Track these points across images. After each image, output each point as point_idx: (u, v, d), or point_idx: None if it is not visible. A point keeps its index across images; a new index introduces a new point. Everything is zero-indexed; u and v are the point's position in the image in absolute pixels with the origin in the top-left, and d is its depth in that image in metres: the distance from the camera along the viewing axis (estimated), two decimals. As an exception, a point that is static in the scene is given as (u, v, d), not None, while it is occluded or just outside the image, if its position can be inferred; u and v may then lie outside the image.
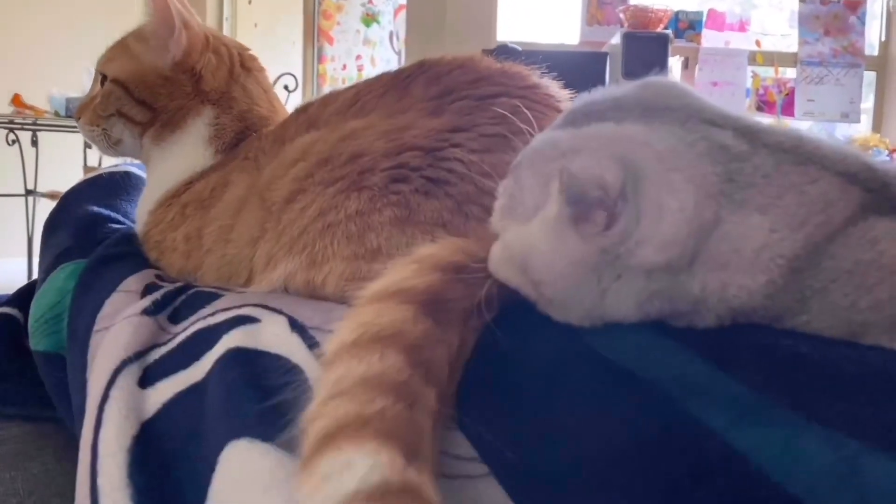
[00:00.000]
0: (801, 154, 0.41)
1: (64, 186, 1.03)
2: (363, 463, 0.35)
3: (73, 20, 3.85)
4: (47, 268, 0.79)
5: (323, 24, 4.23)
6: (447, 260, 0.47)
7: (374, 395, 0.38)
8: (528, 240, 0.43)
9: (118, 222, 0.87)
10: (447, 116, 0.62)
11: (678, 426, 0.37)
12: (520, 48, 2.44)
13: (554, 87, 0.66)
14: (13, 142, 3.33)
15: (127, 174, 0.98)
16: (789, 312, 0.41)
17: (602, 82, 2.54)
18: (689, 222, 0.39)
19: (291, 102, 3.19)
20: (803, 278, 0.40)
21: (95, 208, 0.88)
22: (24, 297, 0.84)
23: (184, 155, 0.80)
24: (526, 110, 0.58)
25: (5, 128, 3.23)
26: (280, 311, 0.56)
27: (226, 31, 4.10)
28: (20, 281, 0.95)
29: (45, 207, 2.82)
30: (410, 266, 0.46)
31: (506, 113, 0.60)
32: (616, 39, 2.63)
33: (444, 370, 0.41)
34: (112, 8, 2.86)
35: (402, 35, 3.63)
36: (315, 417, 0.38)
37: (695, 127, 0.42)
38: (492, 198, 0.50)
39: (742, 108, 2.91)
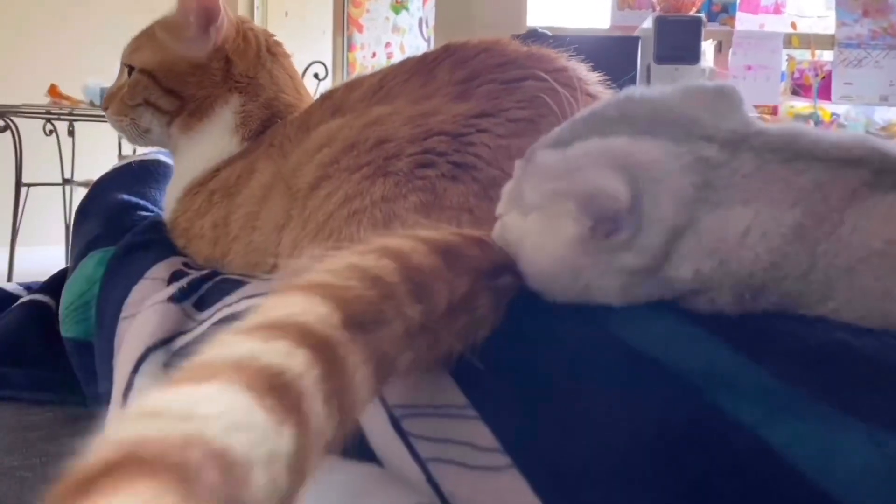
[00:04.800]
0: (790, 151, 0.41)
1: (100, 175, 1.04)
2: (298, 305, 0.33)
3: (108, 12, 3.90)
4: (77, 255, 0.81)
5: (352, 12, 4.23)
6: (467, 233, 0.47)
7: (354, 276, 0.37)
8: (521, 233, 0.45)
9: (147, 210, 0.88)
10: (474, 101, 0.61)
11: (707, 419, 0.35)
12: (549, 33, 2.41)
13: (582, 70, 0.65)
14: (50, 132, 3.38)
15: (156, 162, 1.00)
16: (814, 297, 0.40)
17: (633, 67, 2.50)
18: (665, 231, 0.40)
19: (322, 91, 3.19)
20: (816, 243, 0.39)
21: (125, 196, 0.89)
22: (56, 284, 0.86)
23: (211, 143, 0.81)
24: (554, 93, 0.57)
25: (43, 118, 3.28)
26: None
27: (256, 20, 4.12)
28: (58, 268, 0.97)
29: (82, 196, 2.87)
30: (430, 229, 0.46)
31: (533, 96, 0.59)
32: (648, 23, 2.59)
33: (439, 302, 0.39)
34: (144, -2, 2.88)
35: (432, 22, 3.62)
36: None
37: (686, 142, 0.42)
38: None
39: (776, 93, 2.86)
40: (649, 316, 0.41)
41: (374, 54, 4.28)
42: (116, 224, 0.83)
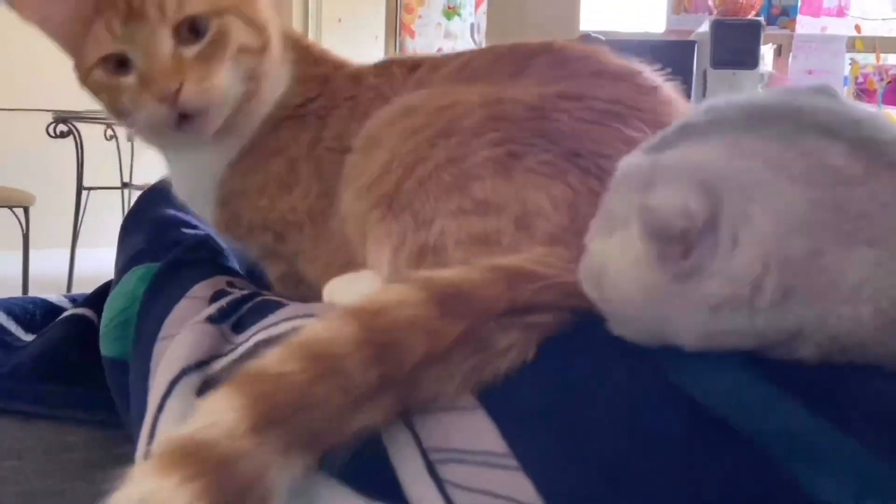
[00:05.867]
0: None
1: (156, 179, 1.03)
2: (212, 416, 0.37)
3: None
4: (121, 270, 0.79)
5: (405, 18, 4.23)
6: (504, 264, 0.44)
7: (296, 355, 0.39)
8: (605, 257, 0.41)
9: (193, 227, 0.86)
10: (559, 87, 0.60)
11: (782, 494, 0.31)
12: (603, 38, 2.37)
13: (674, 93, 0.63)
14: (111, 137, 3.48)
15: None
16: None
17: (689, 72, 2.44)
18: (766, 258, 0.35)
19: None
20: None
21: (170, 212, 0.88)
22: (100, 297, 0.84)
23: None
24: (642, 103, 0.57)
25: (103, 123, 3.37)
26: None
27: (311, 27, 4.17)
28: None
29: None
30: (464, 266, 0.45)
31: (621, 99, 0.58)
32: (704, 27, 2.52)
33: (409, 357, 0.39)
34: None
35: (483, 27, 3.59)
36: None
37: (797, 140, 0.36)
38: (599, 158, 0.49)
39: (840, 98, 2.75)
40: (714, 365, 0.37)
41: (425, 60, 4.28)
42: (160, 240, 0.81)
